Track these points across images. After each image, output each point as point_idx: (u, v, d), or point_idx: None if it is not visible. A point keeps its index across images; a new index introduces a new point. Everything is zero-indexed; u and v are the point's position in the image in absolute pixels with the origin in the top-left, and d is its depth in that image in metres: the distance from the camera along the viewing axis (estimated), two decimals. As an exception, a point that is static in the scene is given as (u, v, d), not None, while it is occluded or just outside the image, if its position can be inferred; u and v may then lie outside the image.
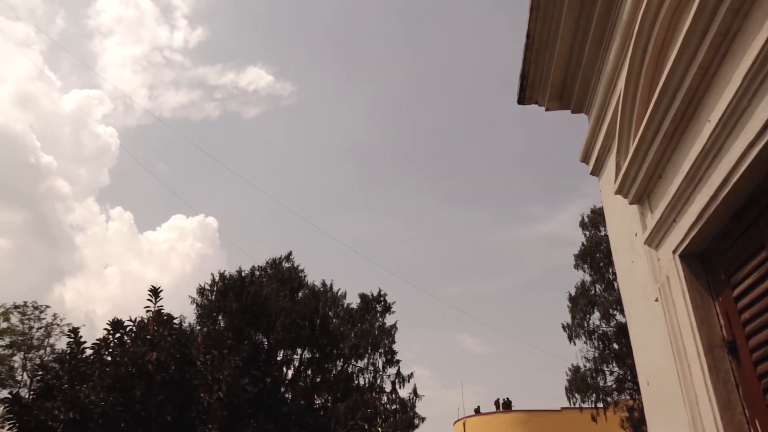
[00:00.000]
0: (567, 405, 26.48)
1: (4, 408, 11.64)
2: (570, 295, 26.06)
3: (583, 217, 27.11)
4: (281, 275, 23.72)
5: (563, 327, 25.79)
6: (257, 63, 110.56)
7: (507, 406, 33.26)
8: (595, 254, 25.51)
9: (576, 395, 24.72)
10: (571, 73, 3.96)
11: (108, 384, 11.25)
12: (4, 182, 75.71)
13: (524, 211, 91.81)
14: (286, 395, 21.31)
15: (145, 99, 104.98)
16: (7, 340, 27.56)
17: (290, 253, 24.90)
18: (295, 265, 24.66)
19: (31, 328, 28.16)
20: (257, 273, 23.54)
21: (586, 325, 25.16)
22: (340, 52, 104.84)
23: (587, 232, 26.60)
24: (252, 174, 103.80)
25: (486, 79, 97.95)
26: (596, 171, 4.02)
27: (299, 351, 22.36)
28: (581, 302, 25.24)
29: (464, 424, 33.51)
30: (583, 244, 26.34)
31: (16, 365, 27.64)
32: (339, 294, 24.16)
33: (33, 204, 77.86)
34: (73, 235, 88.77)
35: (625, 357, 23.45)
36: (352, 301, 24.72)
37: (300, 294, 23.64)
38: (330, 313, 23.18)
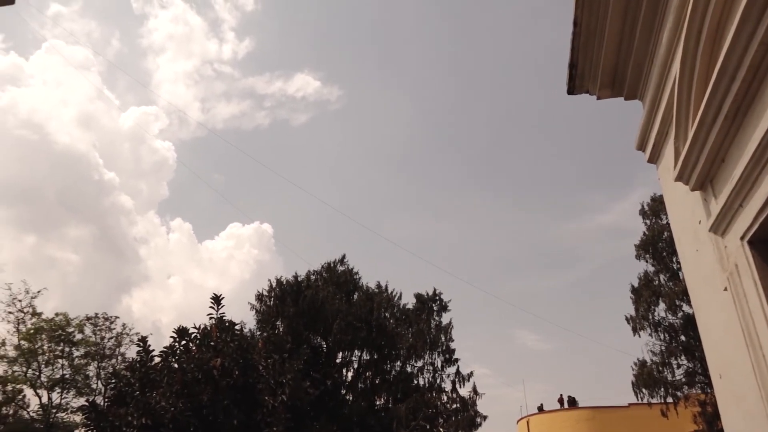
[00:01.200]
0: (634, 401, 25.63)
1: (83, 415, 12.23)
2: (632, 287, 25.24)
3: (642, 206, 26.21)
4: (336, 278, 23.96)
5: (627, 320, 24.99)
6: (304, 69, 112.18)
7: (572, 403, 32.49)
8: (658, 243, 24.61)
9: (643, 390, 23.89)
10: (622, 59, 3.84)
11: (176, 390, 11.65)
12: (72, 199, 79.59)
13: (581, 202, 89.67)
14: (347, 397, 21.51)
15: (198, 112, 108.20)
16: (82, 351, 28.94)
17: (344, 257, 25.16)
18: (350, 267, 24.88)
19: (102, 338, 29.47)
20: (313, 277, 23.86)
21: (651, 317, 24.30)
22: (384, 53, 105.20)
23: (648, 221, 25.70)
24: (304, 179, 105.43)
25: (533, 71, 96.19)
26: (654, 158, 3.88)
27: (357, 353, 22.52)
28: (645, 294, 24.40)
29: (528, 422, 32.95)
30: (644, 233, 25.46)
31: (91, 374, 29.00)
32: (394, 295, 24.22)
33: (99, 219, 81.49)
34: (137, 247, 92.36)
35: (694, 349, 22.52)
36: (408, 301, 24.74)
37: (355, 296, 23.81)
38: (386, 314, 23.25)
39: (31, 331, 27.85)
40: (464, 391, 22.49)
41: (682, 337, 23.60)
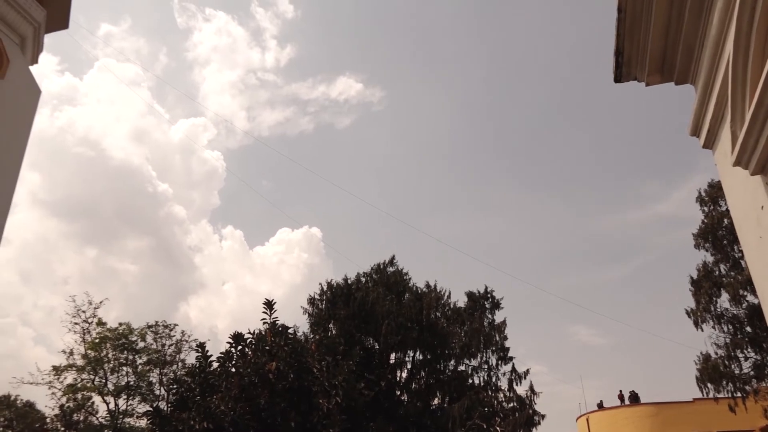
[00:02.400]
0: (699, 396, 24.65)
1: (148, 420, 12.68)
2: (692, 278, 24.28)
3: (700, 193, 25.15)
4: (386, 280, 24.03)
5: (687, 313, 24.05)
6: (345, 72, 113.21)
7: (634, 399, 31.51)
8: (717, 232, 23.58)
9: (708, 385, 22.94)
10: (671, 43, 3.71)
11: (234, 394, 11.91)
12: (128, 212, 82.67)
13: (635, 192, 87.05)
14: (402, 397, 21.52)
15: (244, 121, 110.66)
16: (144, 358, 30.03)
17: (393, 257, 25.21)
18: (399, 268, 24.91)
19: (163, 345, 30.49)
20: (363, 279, 24.01)
21: (713, 309, 23.29)
22: (424, 50, 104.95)
23: (706, 209, 24.64)
24: (350, 182, 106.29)
25: (577, 60, 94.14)
26: (709, 143, 3.73)
27: (410, 353, 22.51)
28: (705, 285, 23.42)
29: (587, 420, 32.17)
30: (702, 221, 24.43)
31: (154, 380, 30.04)
32: (444, 294, 24.10)
33: (155, 230, 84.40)
34: (192, 256, 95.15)
35: (762, 341, 21.49)
36: (458, 299, 24.57)
37: (406, 297, 23.81)
38: (437, 313, 23.16)
39: (96, 341, 29.05)
40: (521, 390, 22.17)
41: (748, 329, 22.54)
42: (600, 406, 32.59)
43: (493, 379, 22.58)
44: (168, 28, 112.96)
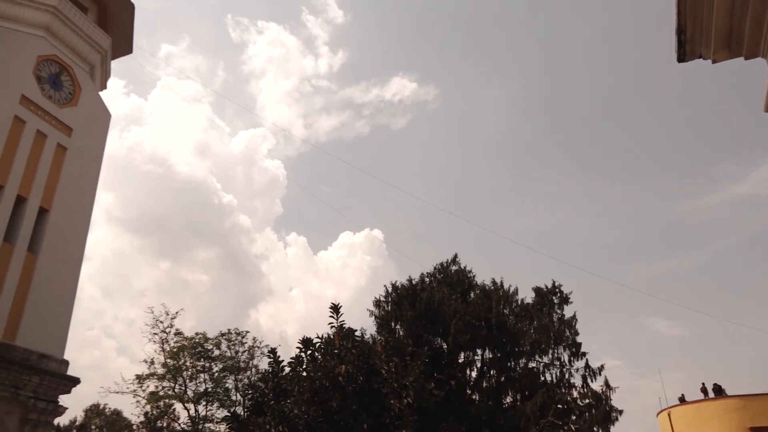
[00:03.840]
0: (791, 386, 23.17)
1: (227, 425, 13.11)
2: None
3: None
4: (450, 279, 23.89)
5: (773, 299, 22.69)
6: (398, 73, 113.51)
7: (718, 391, 29.98)
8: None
9: (802, 374, 21.55)
10: (738, 16, 3.52)
11: (307, 398, 12.13)
12: (197, 224, 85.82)
13: (708, 174, 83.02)
14: (473, 396, 21.32)
15: (301, 128, 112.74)
16: (220, 366, 31.06)
17: (456, 256, 25.04)
18: (462, 267, 24.71)
19: (237, 352, 31.44)
20: (427, 279, 23.95)
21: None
22: (476, 43, 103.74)
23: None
24: (408, 182, 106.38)
25: (637, 42, 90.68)
26: (787, 119, 3.51)
27: (479, 351, 22.27)
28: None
29: (669, 414, 30.84)
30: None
31: (230, 386, 31.02)
32: (510, 291, 23.71)
33: (222, 240, 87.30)
34: (259, 264, 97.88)
35: None
36: (526, 295, 24.13)
37: (471, 295, 23.59)
38: (505, 310, 22.80)
39: (175, 350, 30.27)
40: (596, 386, 21.49)
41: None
42: (682, 400, 31.17)
43: (566, 376, 22.01)
44: (224, 44, 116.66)
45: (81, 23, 25.61)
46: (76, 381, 19.79)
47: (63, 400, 19.60)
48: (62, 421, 42.09)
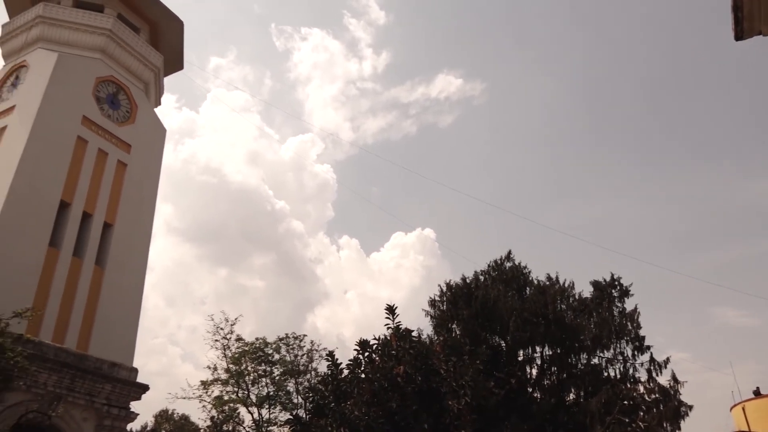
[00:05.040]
0: None
1: (290, 428, 13.38)
2: None
3: None
4: (504, 275, 23.57)
5: None
6: (443, 69, 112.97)
7: (796, 384, 28.41)
8: None
9: None
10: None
11: (366, 399, 12.23)
12: (252, 231, 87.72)
13: (770, 157, 78.93)
14: (534, 395, 20.96)
15: (348, 132, 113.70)
16: (281, 369, 31.65)
17: (510, 252, 24.68)
18: (517, 263, 24.34)
19: (296, 356, 31.97)
20: (481, 277, 23.71)
21: None
22: (520, 34, 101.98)
23: None
24: (458, 179, 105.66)
25: (689, 22, 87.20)
26: None
27: (538, 349, 21.88)
28: None
29: (743, 408, 29.46)
30: None
31: (291, 390, 31.56)
32: (566, 285, 23.19)
33: (277, 246, 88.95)
34: (314, 268, 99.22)
35: None
36: (582, 289, 23.53)
37: (527, 291, 23.21)
38: (562, 306, 22.32)
39: (236, 355, 31.05)
40: (662, 380, 20.73)
41: None
42: (757, 393, 29.73)
43: (630, 371, 21.34)
44: (269, 53, 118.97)
45: (134, 44, 26.66)
46: (145, 388, 20.59)
47: (134, 406, 20.43)
48: (134, 426, 43.87)
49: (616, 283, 23.26)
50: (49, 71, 22.48)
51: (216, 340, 30.98)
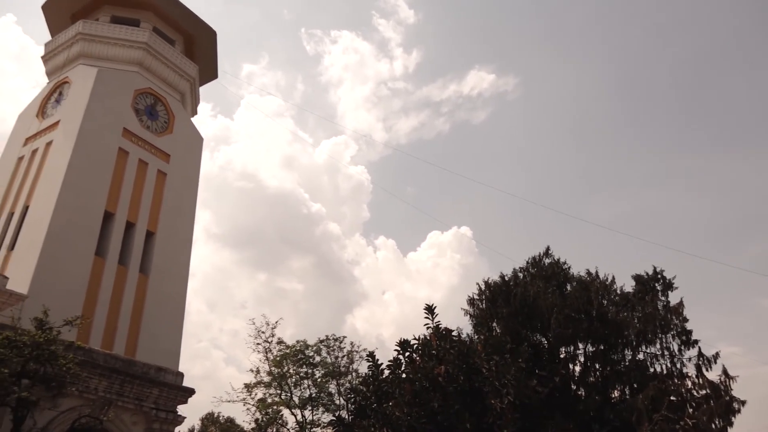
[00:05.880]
0: None
1: (333, 429, 13.49)
2: None
3: None
4: (544, 272, 23.25)
5: None
6: (474, 66, 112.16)
7: None
8: None
9: None
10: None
11: (408, 399, 12.24)
12: (289, 234, 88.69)
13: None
14: (579, 392, 20.62)
15: (381, 132, 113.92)
16: (322, 371, 31.92)
17: (548, 248, 24.34)
18: (556, 259, 23.99)
19: (336, 358, 32.17)
20: (520, 275, 23.45)
21: None
22: (551, 25, 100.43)
23: None
24: (493, 175, 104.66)
25: (723, 7, 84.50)
26: None
27: (581, 345, 21.51)
28: None
29: (800, 404, 28.32)
30: None
31: (333, 391, 31.79)
32: (608, 280, 22.73)
33: (314, 248, 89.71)
34: (351, 269, 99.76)
35: None
36: (624, 283, 23.02)
37: (567, 287, 22.85)
38: (604, 301, 21.88)
39: (278, 358, 31.46)
40: (712, 375, 20.10)
41: None
42: (814, 387, 28.56)
43: (678, 366, 20.77)
44: (300, 57, 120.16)
45: (170, 55, 27.31)
46: (191, 392, 21.06)
47: (181, 409, 20.92)
48: (182, 429, 44.88)
49: (659, 276, 22.70)
50: (90, 86, 23.23)
51: (258, 344, 31.45)
